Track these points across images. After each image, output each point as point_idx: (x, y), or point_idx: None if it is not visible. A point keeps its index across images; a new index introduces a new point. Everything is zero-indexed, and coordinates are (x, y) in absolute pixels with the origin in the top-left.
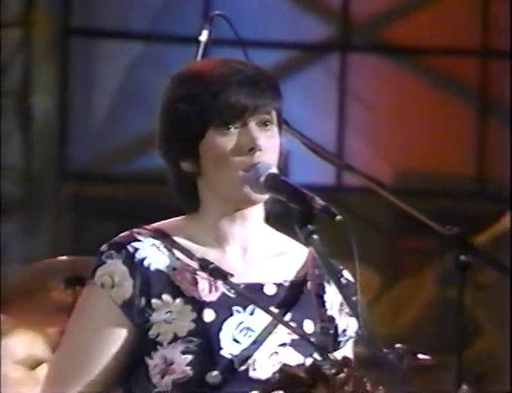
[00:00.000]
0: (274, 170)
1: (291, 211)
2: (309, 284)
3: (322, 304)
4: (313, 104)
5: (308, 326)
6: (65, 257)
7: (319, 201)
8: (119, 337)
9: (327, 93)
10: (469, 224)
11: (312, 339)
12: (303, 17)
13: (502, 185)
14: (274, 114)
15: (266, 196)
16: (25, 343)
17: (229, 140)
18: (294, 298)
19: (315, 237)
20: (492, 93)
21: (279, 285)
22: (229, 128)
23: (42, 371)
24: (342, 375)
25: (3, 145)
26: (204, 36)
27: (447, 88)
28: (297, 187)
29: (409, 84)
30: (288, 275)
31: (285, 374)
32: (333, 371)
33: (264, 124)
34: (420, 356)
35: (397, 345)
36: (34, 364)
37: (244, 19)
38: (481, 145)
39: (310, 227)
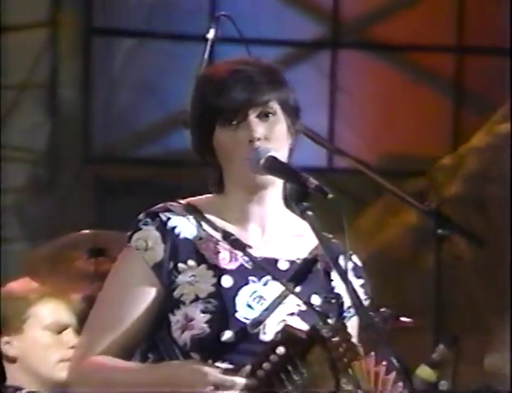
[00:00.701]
0: (273, 153)
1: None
2: (319, 264)
3: (330, 282)
4: (307, 97)
5: (315, 300)
6: (87, 231)
7: (313, 181)
8: (149, 295)
9: (319, 87)
10: None
11: (316, 308)
12: (297, 17)
13: None
14: (275, 104)
15: (272, 180)
16: (52, 310)
17: (232, 134)
18: (304, 275)
19: (309, 212)
20: (466, 85)
21: (292, 262)
22: (231, 124)
23: (67, 335)
24: (337, 338)
25: (33, 132)
26: (210, 34)
27: (427, 80)
28: (293, 168)
29: (393, 78)
30: (300, 254)
31: (287, 333)
32: (330, 334)
33: (266, 115)
34: (403, 319)
35: (382, 309)
36: (60, 329)
37: (242, 18)
38: (456, 131)
39: (305, 204)
